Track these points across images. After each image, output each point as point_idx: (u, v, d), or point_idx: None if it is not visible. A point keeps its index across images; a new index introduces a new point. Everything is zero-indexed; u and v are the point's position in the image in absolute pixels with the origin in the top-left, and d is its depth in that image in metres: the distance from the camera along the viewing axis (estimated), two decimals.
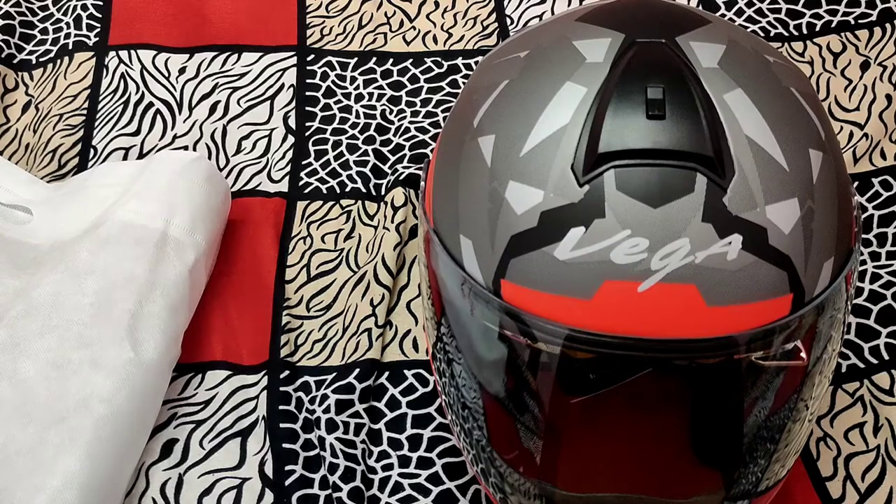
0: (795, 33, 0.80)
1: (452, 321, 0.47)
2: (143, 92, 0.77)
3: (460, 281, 0.45)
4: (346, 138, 0.75)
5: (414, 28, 0.83)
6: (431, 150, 0.74)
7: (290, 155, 0.74)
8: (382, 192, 0.71)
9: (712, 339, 0.41)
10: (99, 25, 0.82)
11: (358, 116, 0.77)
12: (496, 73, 0.46)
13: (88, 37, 0.81)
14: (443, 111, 0.77)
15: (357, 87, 0.79)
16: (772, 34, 0.80)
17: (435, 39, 0.82)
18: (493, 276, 0.43)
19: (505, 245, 0.43)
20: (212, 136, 0.75)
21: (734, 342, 0.41)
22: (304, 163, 0.74)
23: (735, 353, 0.42)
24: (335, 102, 0.78)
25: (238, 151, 0.74)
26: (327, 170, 0.73)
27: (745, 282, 0.41)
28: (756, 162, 0.41)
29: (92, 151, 0.74)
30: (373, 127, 0.76)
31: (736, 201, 0.41)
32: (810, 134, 0.43)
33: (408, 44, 0.82)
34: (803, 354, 0.44)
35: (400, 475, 0.57)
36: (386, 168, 0.73)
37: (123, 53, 0.80)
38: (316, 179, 0.73)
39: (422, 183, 0.50)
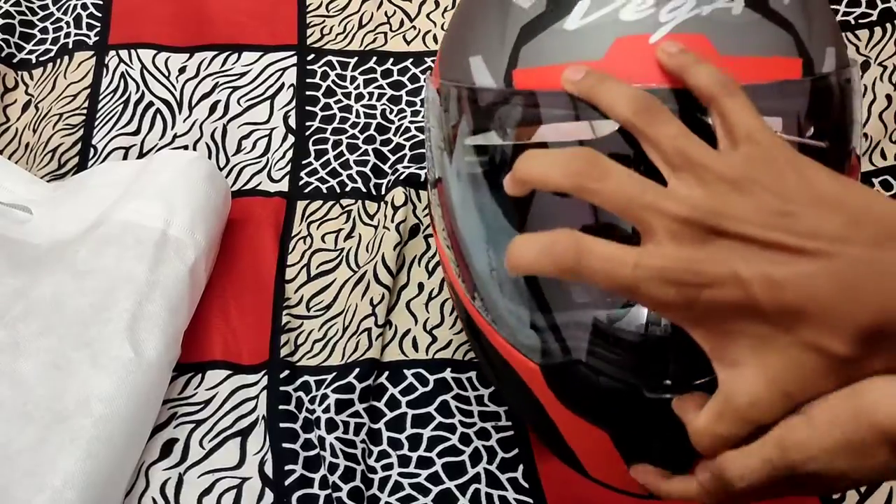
0: None
1: (464, 185, 0.47)
2: (143, 91, 0.77)
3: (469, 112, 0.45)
4: (347, 138, 0.75)
5: (414, 28, 0.83)
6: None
7: (290, 154, 0.74)
8: (382, 192, 0.71)
9: None
10: (99, 25, 0.82)
11: (358, 116, 0.77)
12: None
13: (88, 36, 0.81)
14: None
15: (357, 87, 0.79)
16: None
17: (435, 39, 0.82)
18: (505, 71, 0.44)
19: (515, 37, 0.44)
20: (212, 136, 0.75)
21: (752, 93, 0.41)
22: (304, 162, 0.74)
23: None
24: (335, 102, 0.78)
25: (238, 151, 0.74)
26: (327, 169, 0.73)
27: (753, 36, 0.42)
28: None
29: (92, 151, 0.74)
30: (373, 126, 0.76)
31: None
32: None
33: (408, 43, 0.82)
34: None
35: (400, 475, 0.57)
36: (386, 168, 0.73)
37: (123, 53, 0.80)
38: (316, 179, 0.73)
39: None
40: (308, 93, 0.78)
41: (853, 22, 0.80)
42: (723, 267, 0.36)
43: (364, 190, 0.72)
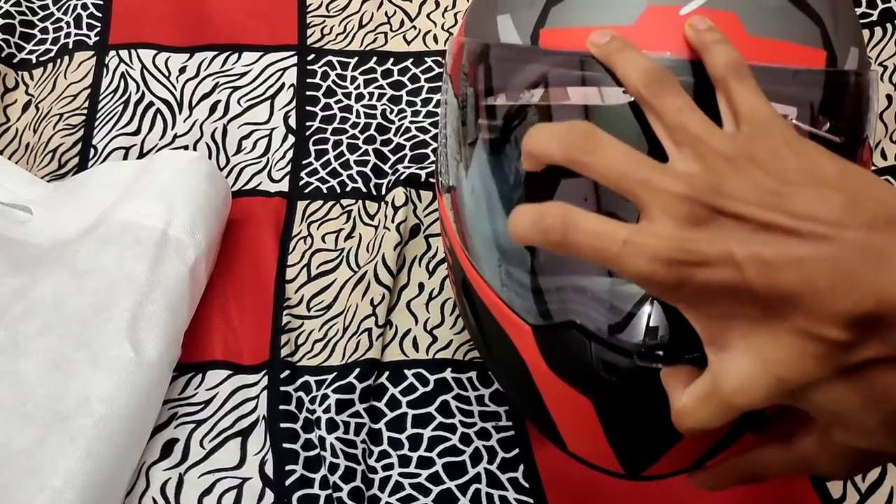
0: None
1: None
2: (143, 91, 0.77)
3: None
4: (347, 138, 0.75)
5: (414, 27, 0.83)
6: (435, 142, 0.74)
7: (290, 154, 0.74)
8: (383, 192, 0.71)
9: (753, 66, 0.41)
10: (99, 25, 0.82)
11: (358, 116, 0.77)
12: None
13: (89, 36, 0.81)
14: None
15: (357, 87, 0.79)
16: None
17: (436, 39, 0.82)
18: (533, 29, 0.44)
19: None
20: (212, 136, 0.75)
21: (772, 74, 0.41)
22: (304, 162, 0.74)
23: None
24: (336, 102, 0.78)
25: (238, 151, 0.74)
26: (328, 169, 0.73)
27: (782, 22, 0.42)
28: None
29: (92, 151, 0.74)
30: (373, 126, 0.76)
31: None
32: None
33: (408, 43, 0.82)
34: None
35: (400, 475, 0.57)
36: (386, 168, 0.73)
37: (124, 53, 0.80)
38: (316, 179, 0.73)
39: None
40: (308, 93, 0.78)
41: None
42: (716, 247, 0.35)
43: (364, 190, 0.72)
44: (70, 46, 0.81)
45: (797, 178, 0.36)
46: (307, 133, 0.76)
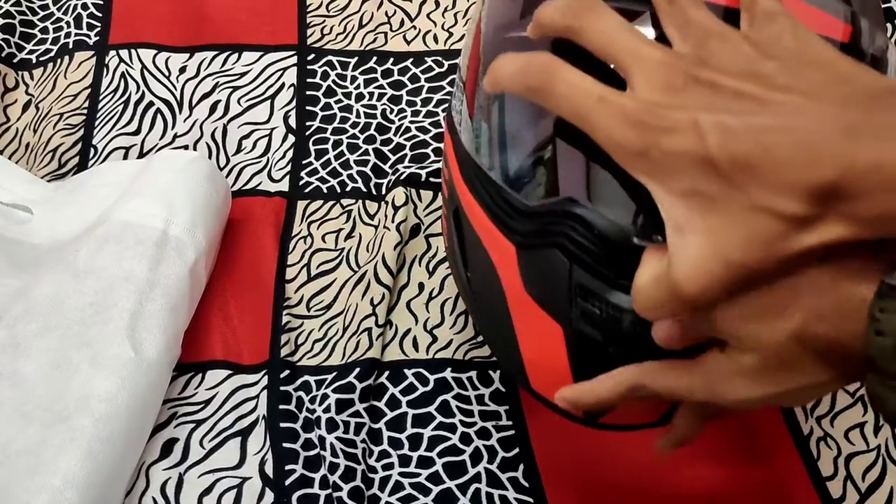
0: None
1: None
2: (143, 91, 0.77)
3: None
4: (347, 138, 0.75)
5: (414, 27, 0.83)
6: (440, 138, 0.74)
7: (290, 154, 0.74)
8: (383, 192, 0.71)
9: None
10: (99, 25, 0.82)
11: (358, 116, 0.77)
12: None
13: (89, 36, 0.81)
14: (443, 111, 0.77)
15: (357, 87, 0.79)
16: None
17: (436, 39, 0.82)
18: None
19: None
20: (212, 136, 0.75)
21: None
22: (304, 162, 0.74)
23: None
24: (336, 102, 0.78)
25: (238, 151, 0.74)
26: (328, 169, 0.73)
27: None
28: None
29: (92, 151, 0.74)
30: (373, 126, 0.76)
31: None
32: None
33: (408, 43, 0.82)
34: None
35: (400, 474, 0.57)
36: (386, 168, 0.73)
37: (124, 53, 0.80)
38: (316, 179, 0.73)
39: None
40: (308, 93, 0.78)
41: None
42: (684, 113, 0.35)
43: (364, 190, 0.72)
44: (70, 46, 0.81)
45: (786, 54, 0.35)
46: (307, 133, 0.76)
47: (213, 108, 0.77)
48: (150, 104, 0.77)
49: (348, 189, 0.72)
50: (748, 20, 0.38)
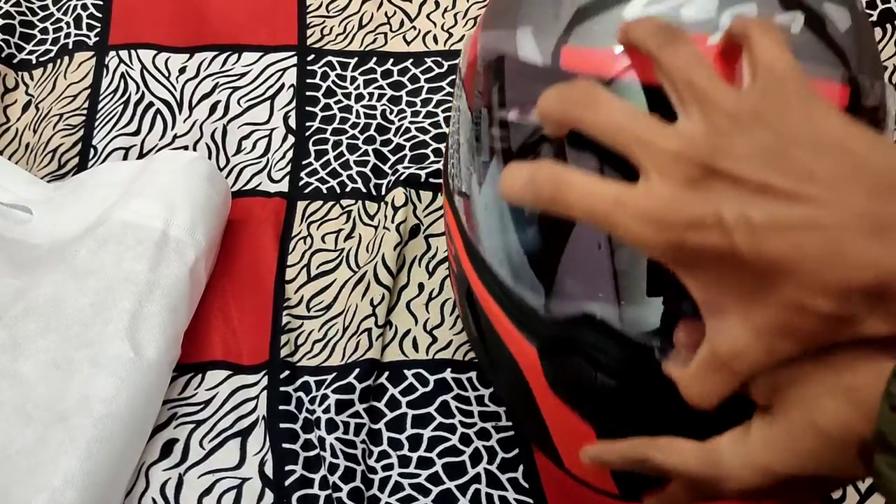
0: None
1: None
2: (143, 92, 0.77)
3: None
4: (347, 138, 0.75)
5: (414, 28, 0.83)
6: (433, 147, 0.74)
7: (290, 155, 0.74)
8: (383, 192, 0.71)
9: None
10: (99, 25, 0.82)
11: (358, 116, 0.77)
12: None
13: (88, 36, 0.81)
14: (443, 111, 0.77)
15: (357, 87, 0.79)
16: None
17: (435, 39, 0.82)
18: (555, 45, 0.42)
19: (570, 16, 0.42)
20: (212, 136, 0.75)
21: None
22: (304, 163, 0.74)
23: None
24: (335, 102, 0.78)
25: (238, 151, 0.74)
26: (327, 170, 0.73)
27: (807, 55, 0.41)
28: None
29: (92, 151, 0.74)
30: (373, 127, 0.76)
31: None
32: None
33: (408, 44, 0.82)
34: None
35: (400, 475, 0.57)
36: (386, 168, 0.73)
37: (123, 53, 0.80)
38: (316, 179, 0.73)
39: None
40: (308, 93, 0.78)
41: None
42: (707, 208, 0.33)
43: (364, 190, 0.72)
44: (70, 47, 0.81)
45: (800, 135, 0.34)
46: (307, 133, 0.76)
47: (212, 109, 0.77)
48: (150, 105, 0.77)
49: (348, 189, 0.72)
50: (750, 74, 0.37)
